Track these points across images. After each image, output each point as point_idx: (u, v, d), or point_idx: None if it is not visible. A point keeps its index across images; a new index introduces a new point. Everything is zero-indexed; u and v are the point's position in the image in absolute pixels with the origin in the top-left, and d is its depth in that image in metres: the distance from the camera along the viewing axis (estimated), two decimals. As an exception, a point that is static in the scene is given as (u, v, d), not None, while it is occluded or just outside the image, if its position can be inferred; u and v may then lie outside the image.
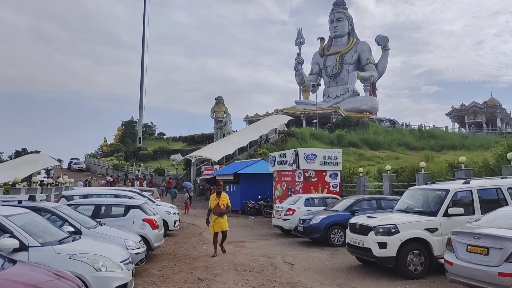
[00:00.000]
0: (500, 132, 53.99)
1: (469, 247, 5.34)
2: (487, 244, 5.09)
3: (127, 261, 5.58)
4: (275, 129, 44.11)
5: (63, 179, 22.89)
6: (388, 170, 15.16)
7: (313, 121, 52.45)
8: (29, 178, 24.92)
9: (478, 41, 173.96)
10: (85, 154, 65.12)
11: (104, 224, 7.80)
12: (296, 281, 7.20)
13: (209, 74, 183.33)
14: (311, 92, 69.53)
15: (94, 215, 8.83)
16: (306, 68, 71.21)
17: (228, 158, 36.15)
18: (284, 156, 17.49)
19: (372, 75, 63.49)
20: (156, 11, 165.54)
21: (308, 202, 13.53)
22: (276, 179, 18.47)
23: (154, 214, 9.73)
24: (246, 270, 8.12)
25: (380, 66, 65.67)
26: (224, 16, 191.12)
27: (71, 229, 6.54)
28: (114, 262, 5.18)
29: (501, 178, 8.32)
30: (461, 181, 8.15)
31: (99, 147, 70.81)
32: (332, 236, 10.94)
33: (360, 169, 17.34)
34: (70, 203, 9.27)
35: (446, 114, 65.36)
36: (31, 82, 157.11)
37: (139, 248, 7.29)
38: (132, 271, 5.78)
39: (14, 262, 4.00)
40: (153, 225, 9.02)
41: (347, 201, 11.84)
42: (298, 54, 71.90)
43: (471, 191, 7.51)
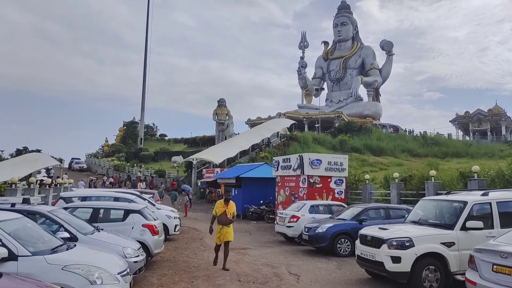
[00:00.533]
0: (505, 140, 53.48)
1: (495, 266, 4.95)
2: (516, 264, 4.70)
3: (125, 272, 5.19)
4: (278, 132, 43.72)
5: (62, 179, 22.47)
6: (396, 177, 14.72)
7: (315, 125, 52.04)
8: (29, 177, 24.52)
9: (482, 48, 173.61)
10: (86, 154, 64.86)
11: (102, 229, 7.42)
12: (303, 295, 6.81)
13: (210, 76, 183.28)
14: (314, 96, 69.06)
15: (92, 219, 8.45)
16: (309, 72, 70.92)
17: (230, 161, 35.78)
18: (288, 160, 17.08)
19: (376, 80, 63.09)
20: (158, 12, 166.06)
21: (313, 209, 13.11)
22: (279, 184, 18.06)
23: (155, 219, 9.34)
24: (250, 281, 7.72)
25: (384, 71, 65.25)
26: (227, 18, 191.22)
27: (66, 235, 6.16)
28: (110, 274, 4.79)
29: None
30: (479, 193, 7.74)
31: (100, 147, 70.49)
32: (338, 246, 10.51)
33: (367, 176, 16.91)
34: (67, 206, 8.90)
35: (450, 121, 64.91)
36: (33, 81, 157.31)
37: (138, 256, 6.90)
38: (130, 283, 5.40)
39: (0, 275, 3.63)
40: (153, 231, 8.62)
41: (354, 210, 11.42)
42: (302, 58, 71.51)
43: (490, 203, 7.11)
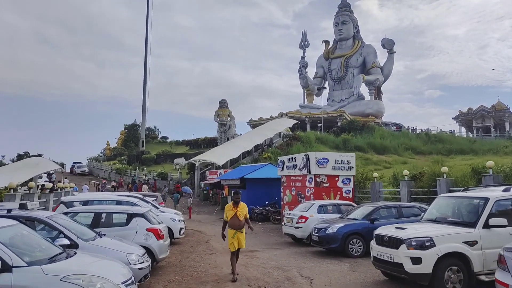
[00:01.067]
0: (509, 136, 52.96)
1: (530, 267, 4.57)
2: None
3: (129, 281, 4.82)
4: (280, 133, 43.36)
5: (63, 184, 22.12)
6: (406, 175, 14.32)
7: (318, 124, 51.67)
8: (29, 182, 24.21)
9: (482, 45, 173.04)
10: (87, 158, 64.52)
11: (104, 235, 7.05)
12: (319, 300, 6.43)
13: (211, 78, 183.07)
14: (315, 95, 68.75)
15: (94, 224, 8.08)
16: (310, 72, 70.58)
17: (233, 162, 35.44)
18: (294, 160, 16.70)
19: (377, 78, 62.72)
20: (158, 14, 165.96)
21: (322, 209, 12.72)
22: (285, 184, 17.67)
23: (159, 223, 8.97)
24: (261, 286, 7.34)
25: (385, 70, 64.88)
26: (227, 19, 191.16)
27: (67, 242, 5.80)
28: (114, 284, 4.43)
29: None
30: (499, 189, 7.37)
31: (102, 150, 70.22)
32: (350, 246, 10.12)
33: (375, 174, 16.50)
34: (67, 211, 8.53)
35: (453, 118, 64.39)
36: (34, 85, 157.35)
37: (143, 262, 6.54)
38: (135, 292, 5.04)
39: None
40: (158, 235, 8.25)
41: (365, 209, 11.03)
42: (303, 57, 71.21)
43: (513, 199, 6.74)
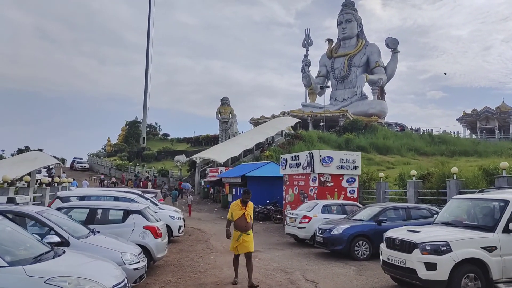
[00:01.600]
0: (513, 138, 52.50)
1: None
2: None
3: (122, 284, 4.40)
4: (282, 131, 42.95)
5: (59, 178, 21.74)
6: (414, 175, 13.88)
7: (320, 124, 51.23)
8: (24, 176, 23.86)
9: (486, 46, 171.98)
10: (88, 154, 64.28)
11: (98, 232, 6.65)
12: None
13: (213, 76, 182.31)
14: (318, 94, 68.24)
15: (88, 221, 7.69)
16: (313, 71, 70.00)
17: (234, 160, 35.07)
18: (297, 158, 16.27)
19: (381, 78, 62.14)
20: (159, 12, 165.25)
21: (326, 209, 12.30)
22: (288, 183, 17.26)
23: (157, 220, 8.57)
24: (263, 290, 6.94)
25: (389, 69, 64.30)
26: (229, 17, 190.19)
27: (57, 240, 5.40)
28: (104, 287, 4.02)
29: None
30: (518, 190, 6.95)
31: (103, 147, 69.82)
32: (356, 249, 9.71)
33: (381, 174, 16.06)
34: (60, 206, 8.14)
35: (457, 119, 63.78)
36: (35, 81, 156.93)
37: (139, 262, 6.14)
38: (129, 295, 4.63)
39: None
40: (156, 233, 7.85)
41: (372, 210, 10.61)
42: (306, 56, 70.62)
43: (534, 202, 6.31)
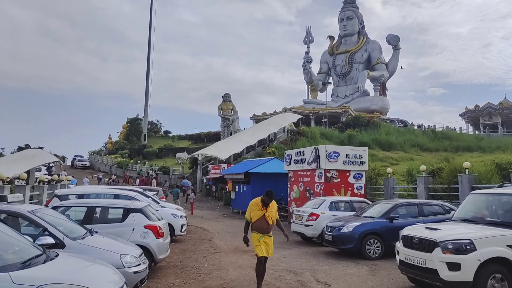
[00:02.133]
0: (517, 134, 52.05)
1: None
2: None
3: (121, 290, 4.00)
4: (284, 128, 42.53)
5: (59, 176, 21.34)
6: (423, 170, 13.44)
7: (322, 120, 50.80)
8: (27, 174, 23.51)
9: (486, 44, 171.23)
10: (89, 151, 63.86)
11: (96, 232, 6.24)
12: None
13: (214, 73, 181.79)
14: (319, 91, 67.84)
15: (86, 220, 7.27)
16: (314, 68, 69.58)
17: (236, 157, 34.65)
18: (302, 154, 15.85)
19: (382, 74, 61.74)
20: (161, 9, 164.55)
21: (333, 206, 11.88)
22: (292, 180, 16.84)
23: (159, 219, 8.16)
24: (273, 292, 6.54)
25: (390, 66, 63.86)
26: (230, 15, 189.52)
27: (51, 241, 4.99)
28: (101, 295, 3.61)
29: None
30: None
31: (104, 144, 69.44)
32: (367, 247, 9.29)
33: (389, 170, 15.62)
34: (57, 204, 7.71)
35: (459, 115, 63.43)
36: (37, 79, 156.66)
37: (139, 264, 5.72)
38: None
39: None
40: (158, 233, 7.44)
41: (383, 206, 10.18)
42: (307, 53, 70.17)
43: None
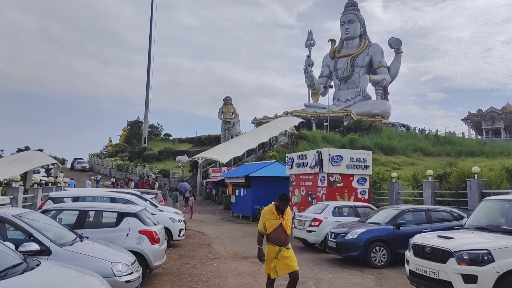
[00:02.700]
0: (520, 139, 51.62)
1: None
2: None
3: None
4: (285, 131, 42.21)
5: (55, 178, 20.97)
6: (430, 175, 13.05)
7: (324, 124, 50.47)
8: (24, 176, 23.16)
9: (487, 48, 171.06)
10: (89, 154, 63.60)
11: (87, 237, 5.87)
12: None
13: (214, 76, 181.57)
14: (320, 95, 67.57)
15: (78, 225, 6.90)
16: (316, 72, 69.38)
17: (237, 160, 34.31)
18: (304, 157, 15.47)
19: (384, 78, 61.43)
20: (162, 13, 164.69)
21: (337, 211, 11.49)
22: (294, 184, 16.45)
23: (155, 224, 7.78)
24: (274, 303, 6.13)
25: (392, 70, 63.57)
26: (231, 19, 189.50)
27: (36, 248, 4.63)
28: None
29: None
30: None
31: (104, 147, 69.16)
32: (373, 255, 8.90)
33: (393, 174, 15.23)
34: (47, 208, 7.35)
35: (462, 120, 62.93)
36: (38, 82, 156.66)
37: (132, 273, 5.34)
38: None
39: None
40: (153, 238, 7.05)
41: (389, 212, 9.78)
42: (308, 56, 69.88)
43: None
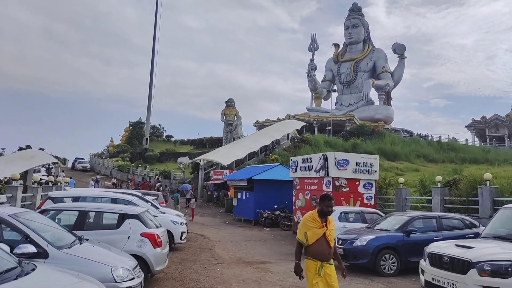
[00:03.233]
0: (524, 147, 51.28)
1: None
2: None
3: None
4: (288, 134, 41.97)
5: (55, 178, 20.70)
6: (439, 181, 12.75)
7: (326, 128, 50.24)
8: (24, 175, 22.90)
9: (490, 56, 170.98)
10: (90, 154, 63.37)
11: (87, 240, 5.59)
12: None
13: (217, 79, 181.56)
14: (323, 99, 67.40)
15: (77, 226, 6.62)
16: (319, 77, 69.17)
17: (238, 163, 34.05)
18: (309, 161, 15.18)
19: (387, 83, 61.20)
20: (165, 15, 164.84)
21: (343, 216, 11.20)
22: (298, 187, 16.15)
23: (157, 227, 7.50)
24: (282, 313, 5.84)
25: (396, 75, 63.36)
26: (234, 22, 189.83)
27: (32, 250, 4.36)
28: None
29: None
30: None
31: (106, 147, 68.96)
32: (382, 263, 8.59)
33: (401, 180, 14.94)
34: (46, 208, 7.07)
35: (466, 126, 62.64)
36: (41, 81, 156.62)
37: (133, 278, 5.06)
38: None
39: None
40: (155, 241, 6.77)
41: (398, 219, 9.47)
42: (311, 60, 69.66)
43: None
